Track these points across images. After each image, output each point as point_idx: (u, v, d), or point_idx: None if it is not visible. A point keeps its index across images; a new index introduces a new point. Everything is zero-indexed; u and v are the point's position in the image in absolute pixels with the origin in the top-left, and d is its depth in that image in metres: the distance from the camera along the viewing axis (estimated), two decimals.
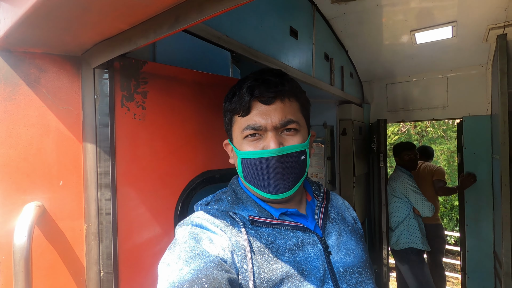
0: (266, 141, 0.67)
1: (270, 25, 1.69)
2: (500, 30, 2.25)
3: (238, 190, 0.75)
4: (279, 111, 0.68)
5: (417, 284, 2.67)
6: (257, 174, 0.68)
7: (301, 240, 0.67)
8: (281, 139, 0.68)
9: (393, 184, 2.87)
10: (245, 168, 0.70)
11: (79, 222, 0.81)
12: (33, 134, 0.76)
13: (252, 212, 0.70)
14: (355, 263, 0.70)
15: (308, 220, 0.73)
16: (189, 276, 0.53)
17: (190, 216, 0.70)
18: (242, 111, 0.69)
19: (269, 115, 0.67)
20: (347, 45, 2.86)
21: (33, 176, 0.76)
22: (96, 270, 0.80)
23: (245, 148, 0.69)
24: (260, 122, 0.67)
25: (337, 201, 0.86)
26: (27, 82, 0.76)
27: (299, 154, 0.69)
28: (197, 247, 0.59)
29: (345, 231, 0.76)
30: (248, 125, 0.68)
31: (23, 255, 0.67)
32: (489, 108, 2.84)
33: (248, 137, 0.69)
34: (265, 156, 0.66)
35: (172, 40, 1.05)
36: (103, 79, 0.80)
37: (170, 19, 0.55)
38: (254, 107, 0.68)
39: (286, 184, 0.68)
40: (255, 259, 0.62)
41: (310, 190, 0.81)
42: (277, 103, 0.68)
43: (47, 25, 0.63)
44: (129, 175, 0.84)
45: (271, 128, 0.67)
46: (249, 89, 0.67)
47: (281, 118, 0.67)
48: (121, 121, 0.82)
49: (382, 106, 3.44)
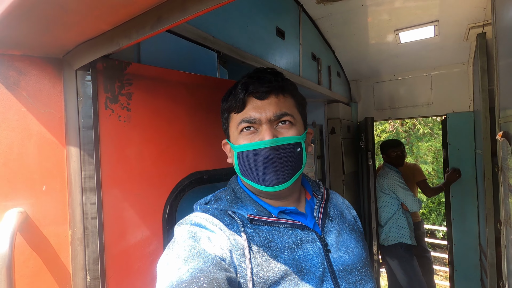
0: (261, 134, 0.69)
1: (256, 25, 1.69)
2: (480, 29, 2.32)
3: (237, 189, 0.75)
4: (273, 105, 0.69)
5: (407, 278, 2.72)
6: (252, 166, 0.69)
7: (300, 238, 0.67)
8: (275, 132, 0.69)
9: (382, 181, 2.92)
10: (241, 162, 0.71)
11: (64, 227, 0.79)
12: (14, 139, 0.74)
13: (251, 210, 0.70)
14: (354, 261, 0.71)
15: (307, 218, 0.73)
16: (187, 275, 0.53)
17: (189, 215, 0.70)
18: (237, 107, 0.70)
19: (264, 109, 0.69)
20: (333, 45, 2.89)
21: (15, 182, 0.74)
22: (83, 276, 0.78)
23: (241, 142, 0.70)
24: (254, 116, 0.69)
25: (337, 200, 0.86)
26: (6, 85, 0.74)
27: (294, 146, 0.70)
28: (196, 246, 0.59)
29: (344, 230, 0.76)
30: (243, 118, 0.70)
31: (5, 263, 0.65)
32: (471, 105, 2.92)
33: (244, 131, 0.70)
34: (260, 148, 0.67)
35: (157, 41, 1.04)
36: (86, 81, 0.78)
37: (152, 18, 0.54)
38: (249, 102, 0.70)
39: (282, 175, 0.68)
40: (254, 257, 0.62)
41: (310, 189, 0.81)
42: (272, 97, 0.70)
43: (25, 26, 0.62)
44: (114, 178, 0.83)
45: (265, 121, 0.69)
46: (244, 86, 0.69)
47: (276, 111, 0.69)
48: (105, 124, 0.81)
49: (369, 104, 3.50)
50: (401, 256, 2.77)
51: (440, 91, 3.09)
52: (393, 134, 8.56)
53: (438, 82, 3.10)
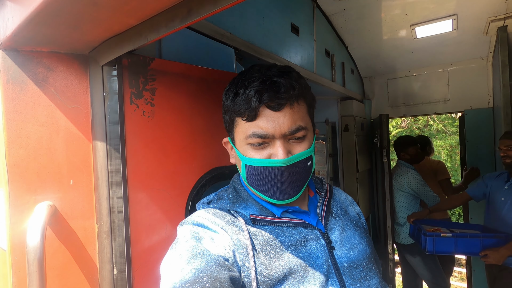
0: (274, 149, 0.64)
1: (271, 21, 1.69)
2: (501, 22, 2.25)
3: (240, 188, 0.74)
4: (288, 118, 0.63)
5: (431, 274, 2.69)
6: (263, 181, 0.66)
7: (303, 236, 0.67)
8: (289, 147, 0.65)
9: (401, 180, 2.83)
10: (249, 174, 0.68)
11: (91, 221, 0.80)
12: (43, 134, 0.76)
13: (253, 210, 0.69)
14: (359, 257, 0.70)
15: (310, 216, 0.72)
16: (190, 276, 0.53)
17: (192, 215, 0.69)
18: (247, 116, 0.64)
19: (278, 122, 0.63)
20: (347, 41, 2.85)
21: (44, 176, 0.76)
22: (110, 268, 0.79)
23: (250, 155, 0.66)
24: (268, 130, 0.63)
25: (340, 196, 0.85)
26: (35, 82, 0.75)
27: (306, 160, 0.67)
28: (198, 246, 0.59)
29: (348, 226, 0.75)
30: (254, 132, 0.64)
31: (37, 255, 0.67)
32: (490, 101, 2.84)
33: (254, 145, 0.65)
34: (273, 166, 0.64)
35: (177, 37, 1.05)
36: (112, 76, 0.79)
37: (183, 12, 0.54)
38: (262, 113, 0.63)
39: (292, 191, 0.66)
40: (257, 257, 0.62)
41: (313, 186, 0.80)
42: (287, 108, 0.64)
43: (56, 22, 0.63)
44: (139, 173, 0.84)
45: (279, 136, 0.63)
46: (258, 94, 0.62)
47: (291, 125, 0.64)
48: (130, 119, 0.82)
49: (383, 101, 3.44)
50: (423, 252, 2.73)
51: (458, 87, 3.02)
52: (406, 131, 8.41)
53: (455, 78, 3.03)
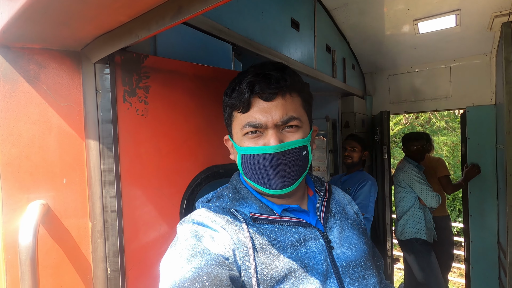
0: (267, 138, 0.66)
1: (271, 17, 1.66)
2: (505, 18, 2.21)
3: (239, 186, 0.74)
4: (280, 108, 0.66)
5: (423, 274, 2.68)
6: (257, 170, 0.67)
7: (303, 235, 0.67)
8: (281, 136, 0.67)
9: (398, 175, 2.87)
10: (244, 164, 0.69)
11: (84, 220, 0.80)
12: (35, 132, 0.75)
13: (253, 208, 0.69)
14: (357, 257, 0.71)
15: (310, 215, 0.73)
16: (190, 274, 0.53)
17: (191, 213, 0.69)
18: (242, 108, 0.67)
19: (270, 112, 0.65)
20: (348, 37, 2.82)
21: (36, 175, 0.75)
22: (103, 268, 0.79)
23: (246, 144, 0.68)
24: (260, 120, 0.65)
25: (339, 195, 0.85)
26: (26, 79, 0.74)
27: (300, 149, 0.68)
28: (198, 245, 0.59)
29: (347, 226, 0.76)
30: (248, 122, 0.67)
31: (29, 254, 0.66)
32: (493, 98, 2.81)
33: (249, 134, 0.68)
34: (265, 153, 0.65)
35: (173, 33, 1.03)
36: (104, 74, 0.78)
37: (173, 9, 0.53)
38: (254, 103, 0.66)
39: (287, 180, 0.67)
40: (258, 256, 0.62)
41: (312, 185, 0.81)
42: (278, 99, 0.66)
43: (45, 19, 0.61)
44: (133, 172, 0.83)
45: (271, 126, 0.66)
46: (249, 85, 0.65)
47: (282, 115, 0.66)
48: (123, 117, 0.81)
49: (385, 97, 3.41)
50: (418, 251, 2.72)
51: (460, 83, 2.98)
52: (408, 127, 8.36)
53: (458, 74, 2.99)
